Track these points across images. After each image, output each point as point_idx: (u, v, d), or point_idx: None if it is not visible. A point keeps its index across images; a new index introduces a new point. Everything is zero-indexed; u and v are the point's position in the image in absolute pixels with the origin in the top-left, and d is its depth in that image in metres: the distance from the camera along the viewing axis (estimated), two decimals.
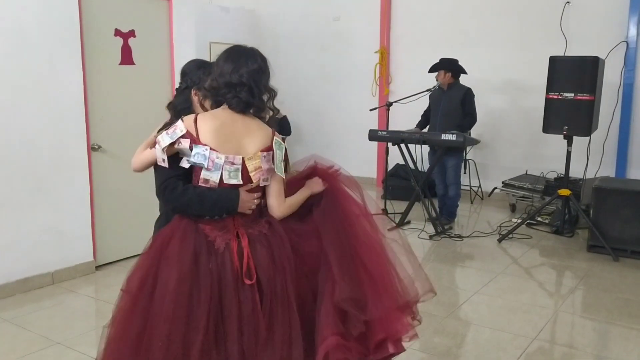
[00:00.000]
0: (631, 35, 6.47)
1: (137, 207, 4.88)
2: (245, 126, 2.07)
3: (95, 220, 4.57)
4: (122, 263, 4.78)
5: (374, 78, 8.31)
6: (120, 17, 4.65)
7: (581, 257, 5.13)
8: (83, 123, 4.40)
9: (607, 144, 6.60)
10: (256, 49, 2.19)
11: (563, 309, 3.99)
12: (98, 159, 4.57)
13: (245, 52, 2.16)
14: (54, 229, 4.29)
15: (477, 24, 7.46)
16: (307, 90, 9.02)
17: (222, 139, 2.02)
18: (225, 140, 2.03)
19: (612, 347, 3.47)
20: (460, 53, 6.45)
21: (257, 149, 2.05)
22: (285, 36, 9.18)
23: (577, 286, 4.47)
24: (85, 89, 4.40)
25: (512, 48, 7.22)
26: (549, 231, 5.88)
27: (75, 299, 4.07)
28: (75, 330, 3.53)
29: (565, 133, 5.36)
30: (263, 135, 2.09)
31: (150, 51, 4.90)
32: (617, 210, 5.06)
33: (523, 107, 7.21)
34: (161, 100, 4.97)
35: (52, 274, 4.30)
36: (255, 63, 2.10)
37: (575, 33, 6.74)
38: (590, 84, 5.20)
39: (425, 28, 7.88)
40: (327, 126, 8.86)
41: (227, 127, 2.04)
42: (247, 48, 2.18)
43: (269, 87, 2.14)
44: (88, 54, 4.42)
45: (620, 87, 6.55)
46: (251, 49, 2.18)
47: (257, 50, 2.18)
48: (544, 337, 3.52)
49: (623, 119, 6.61)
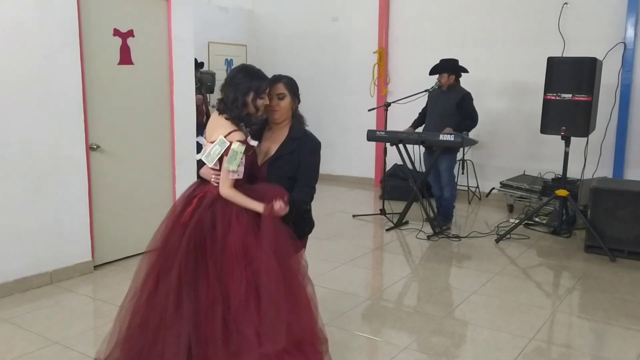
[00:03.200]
0: (629, 36, 6.50)
1: (135, 207, 4.89)
2: (214, 123, 2.72)
3: (94, 220, 4.57)
4: (120, 263, 4.78)
5: (372, 78, 8.32)
6: (119, 17, 4.65)
7: (579, 257, 5.15)
8: (82, 123, 4.40)
9: (605, 145, 6.63)
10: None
11: (560, 309, 4.01)
12: (96, 159, 4.57)
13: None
14: (52, 229, 4.29)
15: (475, 25, 7.48)
16: (305, 91, 8.87)
17: (207, 132, 2.76)
18: (208, 131, 2.76)
19: (609, 347, 3.48)
20: (459, 54, 6.46)
21: (210, 140, 2.68)
22: (284, 36, 9.20)
23: (575, 286, 4.48)
24: (84, 89, 4.40)
25: (510, 49, 7.24)
26: (547, 232, 5.90)
27: (73, 298, 4.07)
28: (73, 330, 3.53)
29: (563, 134, 5.37)
30: (219, 132, 2.65)
31: (149, 51, 4.90)
32: (615, 211, 5.08)
33: (521, 107, 7.23)
34: (160, 100, 5.03)
35: (51, 274, 4.30)
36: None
37: (573, 34, 6.76)
38: (588, 84, 5.22)
39: (423, 29, 7.89)
40: (325, 126, 8.85)
41: (210, 123, 2.76)
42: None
43: (245, 100, 2.67)
44: (87, 54, 4.42)
45: (618, 88, 6.58)
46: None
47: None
48: (542, 338, 3.53)
49: (620, 119, 6.63)
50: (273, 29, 9.33)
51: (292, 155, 2.83)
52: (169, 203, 5.15)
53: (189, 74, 5.28)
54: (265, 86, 2.72)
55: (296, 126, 2.91)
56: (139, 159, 4.89)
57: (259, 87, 2.68)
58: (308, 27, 8.93)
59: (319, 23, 8.82)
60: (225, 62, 9.13)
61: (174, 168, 5.17)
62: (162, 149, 5.09)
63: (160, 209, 5.12)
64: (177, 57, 5.08)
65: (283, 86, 2.87)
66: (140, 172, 4.90)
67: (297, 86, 2.97)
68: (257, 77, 2.70)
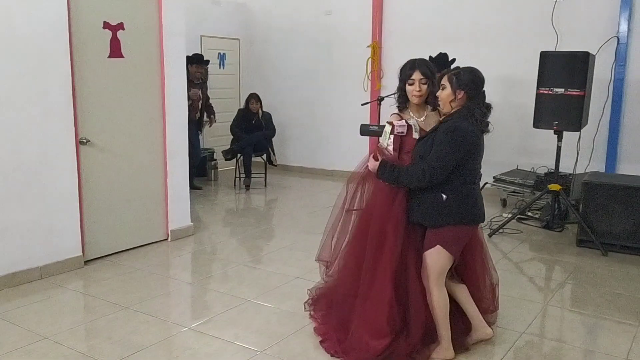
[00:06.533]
0: (622, 30, 6.50)
1: (126, 201, 4.86)
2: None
3: (84, 215, 4.54)
4: (110, 258, 4.75)
5: (365, 72, 8.29)
6: (109, 9, 4.61)
7: (570, 251, 5.16)
8: (71, 116, 4.35)
9: (597, 139, 6.63)
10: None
11: (552, 303, 4.01)
12: (87, 153, 4.53)
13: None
14: (43, 224, 4.25)
15: (469, 19, 7.46)
16: (299, 85, 9.00)
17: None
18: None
19: (600, 341, 3.49)
20: (452, 48, 6.45)
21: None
22: (277, 30, 9.15)
23: (566, 280, 4.49)
24: (74, 83, 4.35)
25: (503, 43, 7.22)
26: (539, 226, 5.91)
27: (63, 293, 4.05)
28: (63, 325, 3.51)
29: (556, 128, 5.37)
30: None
31: (140, 44, 4.85)
32: (607, 205, 5.09)
33: (514, 102, 7.22)
34: (151, 94, 4.99)
35: (41, 269, 4.26)
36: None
37: (567, 28, 6.75)
38: (581, 79, 5.21)
39: (417, 23, 7.87)
40: (318, 120, 8.84)
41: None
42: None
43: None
44: (76, 47, 4.37)
45: (611, 82, 6.58)
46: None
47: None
48: (533, 331, 3.53)
49: (613, 114, 6.64)
50: (266, 23, 9.28)
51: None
52: (160, 198, 5.16)
53: (180, 68, 5.24)
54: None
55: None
56: (129, 153, 4.85)
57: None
58: (302, 20, 8.89)
59: (312, 17, 8.78)
60: (218, 56, 9.08)
61: (165, 163, 5.13)
62: (153, 144, 5.05)
63: (151, 204, 5.16)
64: (168, 51, 5.04)
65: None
66: (131, 167, 4.87)
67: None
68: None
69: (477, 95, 2.98)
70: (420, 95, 3.10)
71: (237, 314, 3.71)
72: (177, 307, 3.94)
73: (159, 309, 3.79)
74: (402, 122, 3.13)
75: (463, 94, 2.95)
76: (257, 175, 8.00)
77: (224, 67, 9.22)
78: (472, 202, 2.99)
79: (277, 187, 8.01)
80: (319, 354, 3.17)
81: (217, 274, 4.57)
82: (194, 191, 7.05)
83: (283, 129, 8.82)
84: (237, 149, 7.78)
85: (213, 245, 5.32)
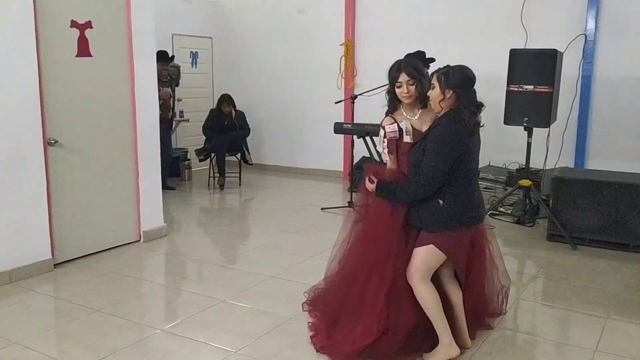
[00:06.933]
0: (589, 28, 6.62)
1: (96, 203, 4.78)
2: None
3: (53, 217, 4.45)
4: (81, 260, 4.67)
5: (339, 71, 8.30)
6: (77, 7, 4.52)
7: (542, 246, 5.24)
8: (38, 117, 4.26)
9: (566, 136, 6.75)
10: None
11: (524, 297, 4.07)
12: (55, 154, 4.44)
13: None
14: (11, 227, 4.16)
15: (440, 18, 7.52)
16: (273, 83, 8.96)
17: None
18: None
19: (571, 333, 3.56)
20: (424, 46, 6.41)
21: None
22: (250, 28, 9.10)
23: (538, 274, 4.57)
24: (41, 82, 4.26)
25: (474, 41, 7.29)
26: (512, 221, 5.99)
27: (33, 297, 3.96)
28: (33, 329, 3.44)
29: (526, 124, 5.45)
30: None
31: (108, 43, 4.77)
32: (576, 200, 5.18)
33: (486, 99, 7.09)
34: (120, 93, 4.91)
35: (10, 273, 4.17)
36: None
37: (536, 26, 6.85)
38: (549, 76, 5.30)
39: (390, 21, 7.90)
40: (292, 119, 8.82)
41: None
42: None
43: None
44: (43, 46, 4.28)
45: (579, 79, 6.70)
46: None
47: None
48: (506, 325, 3.58)
49: (581, 110, 6.76)
50: (239, 21, 9.22)
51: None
52: (131, 200, 5.08)
53: (150, 67, 5.17)
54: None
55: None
56: (99, 154, 4.77)
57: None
58: (275, 18, 8.86)
59: (285, 15, 8.75)
60: (191, 54, 8.99)
61: (136, 163, 5.06)
62: (124, 144, 4.98)
63: (123, 205, 5.08)
64: (138, 50, 4.96)
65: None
66: (101, 168, 4.78)
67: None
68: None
69: (466, 94, 2.96)
70: (409, 96, 3.08)
71: (212, 315, 3.68)
72: (150, 309, 3.89)
73: (131, 311, 3.74)
74: (394, 125, 3.11)
75: (452, 93, 2.92)
76: (231, 174, 7.95)
77: (197, 66, 9.13)
78: (468, 205, 2.98)
79: (253, 187, 7.98)
80: (294, 353, 3.17)
81: (191, 275, 4.53)
82: (167, 191, 6.98)
83: (258, 128, 8.78)
84: (211, 148, 7.72)
85: (187, 246, 5.27)
